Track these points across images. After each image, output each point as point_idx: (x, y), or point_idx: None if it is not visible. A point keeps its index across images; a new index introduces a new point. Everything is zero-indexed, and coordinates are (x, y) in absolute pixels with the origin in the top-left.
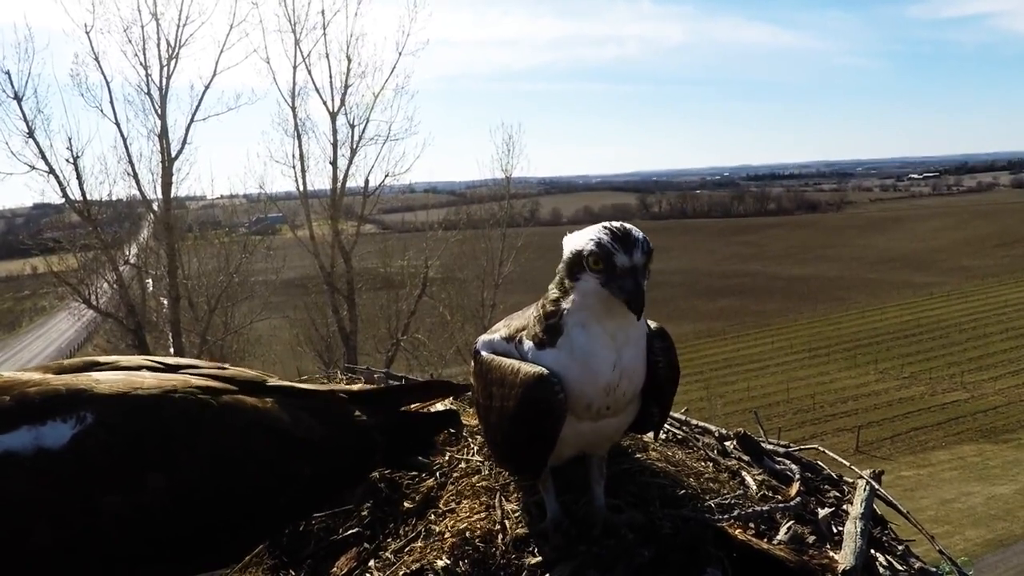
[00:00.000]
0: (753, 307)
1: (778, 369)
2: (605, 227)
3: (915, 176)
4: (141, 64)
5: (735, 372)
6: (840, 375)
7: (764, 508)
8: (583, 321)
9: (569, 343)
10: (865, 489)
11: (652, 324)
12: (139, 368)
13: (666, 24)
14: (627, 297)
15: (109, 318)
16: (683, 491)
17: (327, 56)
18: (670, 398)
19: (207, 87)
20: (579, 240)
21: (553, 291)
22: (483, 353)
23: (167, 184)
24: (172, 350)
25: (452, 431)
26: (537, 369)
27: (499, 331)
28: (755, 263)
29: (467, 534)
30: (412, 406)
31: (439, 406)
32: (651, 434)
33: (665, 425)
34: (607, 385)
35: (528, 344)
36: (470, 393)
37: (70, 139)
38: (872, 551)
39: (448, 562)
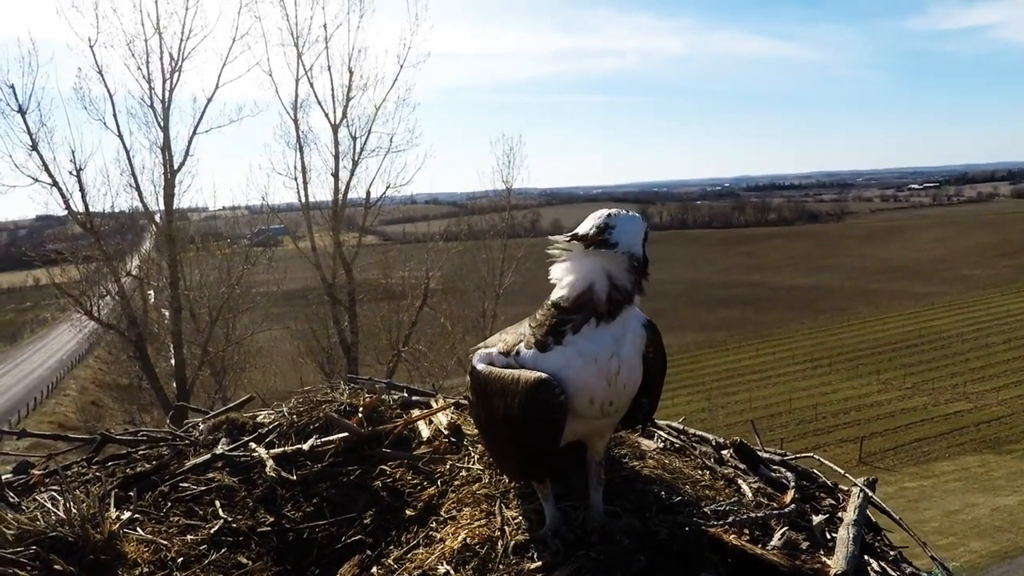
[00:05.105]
0: (754, 317)
1: (780, 380)
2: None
3: (915, 186)
4: (144, 77)
5: (736, 383)
6: (842, 386)
7: (759, 515)
8: (585, 321)
9: (572, 341)
10: (859, 496)
11: (641, 317)
12: None
13: (665, 37)
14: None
15: (111, 330)
16: (679, 498)
17: (329, 69)
18: (659, 388)
19: (210, 99)
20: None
21: (550, 301)
22: (480, 367)
23: (169, 196)
24: (173, 361)
25: (453, 439)
26: (536, 374)
27: (495, 346)
28: (756, 273)
29: (468, 541)
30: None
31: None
32: (650, 442)
33: (663, 434)
34: (608, 375)
35: (527, 352)
36: (467, 405)
37: (73, 151)
38: (865, 557)
39: (449, 568)
